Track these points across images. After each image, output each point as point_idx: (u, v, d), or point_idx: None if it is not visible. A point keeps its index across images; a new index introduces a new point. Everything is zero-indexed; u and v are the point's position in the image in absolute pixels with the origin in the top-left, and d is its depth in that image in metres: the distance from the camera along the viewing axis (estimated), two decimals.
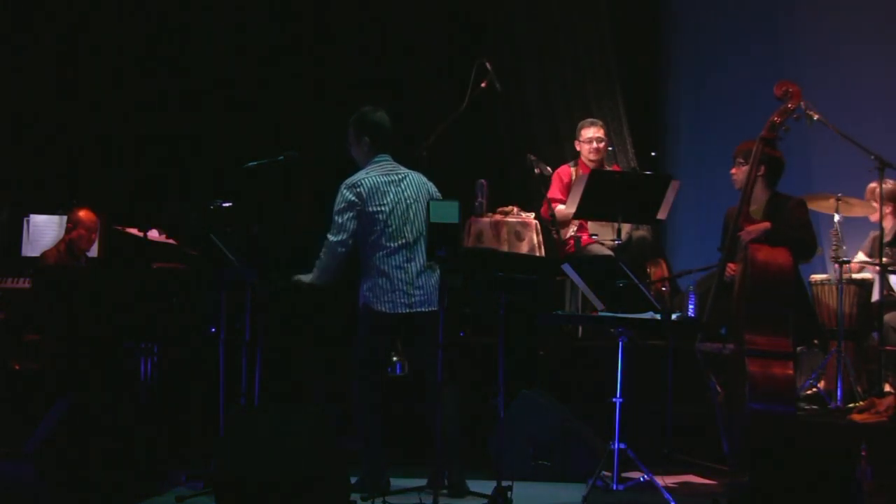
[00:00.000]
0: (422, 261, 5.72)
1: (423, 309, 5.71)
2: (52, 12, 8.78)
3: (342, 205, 5.75)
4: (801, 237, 5.95)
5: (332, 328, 7.60)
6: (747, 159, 6.07)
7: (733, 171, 6.19)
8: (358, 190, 5.75)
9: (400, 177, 5.83)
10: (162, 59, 8.81)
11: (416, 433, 6.18)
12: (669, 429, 6.29)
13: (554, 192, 7.66)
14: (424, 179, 5.91)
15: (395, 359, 6.78)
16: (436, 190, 5.92)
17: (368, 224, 5.72)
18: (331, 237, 5.76)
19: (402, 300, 5.69)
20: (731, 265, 6.03)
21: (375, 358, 5.83)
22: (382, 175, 5.80)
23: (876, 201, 7.15)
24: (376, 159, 5.85)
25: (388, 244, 5.71)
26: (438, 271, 5.64)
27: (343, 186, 5.79)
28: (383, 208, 5.71)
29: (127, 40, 8.80)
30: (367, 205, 5.71)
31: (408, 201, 5.75)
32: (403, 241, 5.71)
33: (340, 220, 5.75)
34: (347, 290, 7.75)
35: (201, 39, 8.86)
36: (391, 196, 5.72)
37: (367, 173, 5.81)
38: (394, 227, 5.70)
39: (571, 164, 7.89)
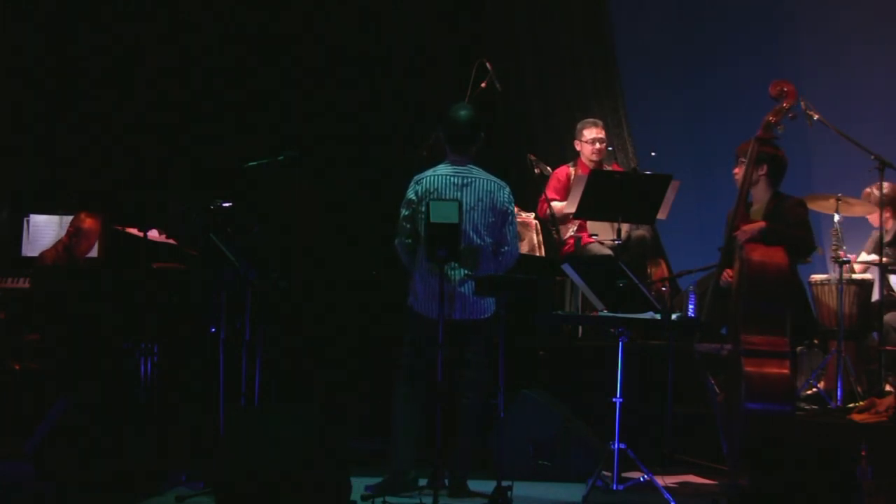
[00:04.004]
0: (466, 269, 5.58)
1: (461, 317, 5.58)
2: (50, 11, 8.78)
3: (404, 201, 5.68)
4: (798, 235, 5.92)
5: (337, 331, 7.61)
6: None
7: (736, 170, 6.17)
8: (417, 187, 5.65)
9: (466, 181, 5.65)
10: (160, 57, 8.81)
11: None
12: (669, 429, 6.28)
13: (550, 191, 7.66)
14: (495, 187, 5.68)
15: None
16: (506, 199, 5.69)
17: (420, 224, 5.60)
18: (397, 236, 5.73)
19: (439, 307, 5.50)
20: (727, 271, 6.01)
21: (414, 358, 5.72)
22: (451, 175, 5.65)
23: (872, 204, 7.15)
24: (452, 158, 5.70)
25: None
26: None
27: (413, 180, 5.72)
28: None
29: (126, 39, 8.79)
30: (422, 204, 5.56)
31: (463, 208, 5.49)
32: None
33: (400, 218, 5.68)
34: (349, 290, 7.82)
35: (199, 36, 8.86)
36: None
37: (434, 170, 5.70)
38: None
39: (571, 164, 7.89)
